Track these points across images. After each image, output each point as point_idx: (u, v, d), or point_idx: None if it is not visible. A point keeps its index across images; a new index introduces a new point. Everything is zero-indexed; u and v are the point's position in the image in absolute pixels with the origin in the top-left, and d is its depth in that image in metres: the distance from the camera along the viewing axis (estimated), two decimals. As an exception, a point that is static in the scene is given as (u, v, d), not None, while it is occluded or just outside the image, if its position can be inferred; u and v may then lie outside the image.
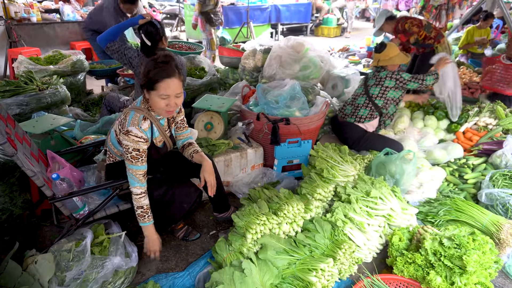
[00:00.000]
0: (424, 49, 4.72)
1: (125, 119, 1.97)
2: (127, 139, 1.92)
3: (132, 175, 2.00)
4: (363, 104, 3.29)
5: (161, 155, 2.22)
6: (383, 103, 3.25)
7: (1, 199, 2.49)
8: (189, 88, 4.16)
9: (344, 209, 2.33)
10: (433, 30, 4.53)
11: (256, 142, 3.17)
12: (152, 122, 2.03)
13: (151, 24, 2.95)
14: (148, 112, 2.01)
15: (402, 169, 2.71)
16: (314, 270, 1.91)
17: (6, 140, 1.74)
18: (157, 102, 1.92)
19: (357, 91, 3.40)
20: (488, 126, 3.67)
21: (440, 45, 4.59)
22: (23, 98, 3.44)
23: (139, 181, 2.00)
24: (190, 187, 2.23)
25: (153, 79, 1.87)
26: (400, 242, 2.18)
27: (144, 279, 2.18)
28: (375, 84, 3.24)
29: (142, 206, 2.04)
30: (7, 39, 6.17)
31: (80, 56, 4.67)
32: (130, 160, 1.96)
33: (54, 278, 1.89)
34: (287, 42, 4.04)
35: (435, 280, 1.88)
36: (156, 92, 1.89)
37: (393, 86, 3.19)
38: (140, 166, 1.99)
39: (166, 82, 1.87)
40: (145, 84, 1.93)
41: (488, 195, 2.62)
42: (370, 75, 3.36)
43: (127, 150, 1.94)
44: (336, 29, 12.67)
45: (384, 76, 3.20)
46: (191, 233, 2.50)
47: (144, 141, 1.96)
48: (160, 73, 1.86)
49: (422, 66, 4.96)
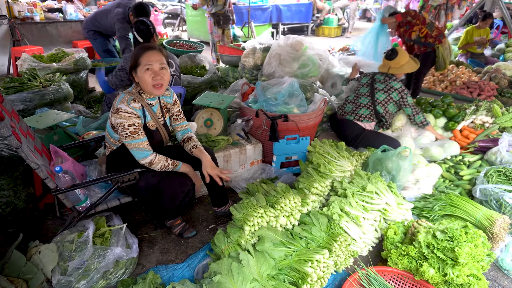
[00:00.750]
0: (426, 48, 4.75)
1: (115, 101, 2.08)
2: (119, 116, 2.01)
3: (137, 148, 2.10)
4: (365, 104, 3.34)
5: (156, 143, 2.27)
6: (383, 112, 3.31)
7: (5, 193, 2.55)
8: (190, 86, 4.22)
9: (340, 203, 2.37)
10: (435, 30, 4.57)
11: (255, 138, 3.22)
12: (143, 106, 2.12)
13: (142, 23, 3.14)
14: (138, 96, 2.11)
15: (398, 166, 2.76)
16: (310, 261, 1.96)
17: (11, 133, 1.80)
18: (143, 78, 2.05)
19: (361, 91, 3.44)
20: (485, 124, 3.72)
21: (441, 45, 4.62)
22: (26, 95, 3.51)
23: (146, 150, 2.12)
24: (183, 178, 2.27)
25: (137, 55, 2.05)
26: (395, 235, 2.22)
27: (145, 270, 2.23)
28: (383, 90, 3.30)
29: (164, 164, 2.18)
30: (10, 37, 6.24)
31: (83, 54, 4.73)
32: (131, 136, 2.05)
33: (57, 268, 1.94)
34: (286, 40, 4.09)
35: (428, 272, 1.93)
36: (141, 67, 2.04)
37: (396, 101, 3.26)
38: (142, 138, 2.10)
39: (147, 54, 2.04)
40: (132, 66, 2.07)
41: (483, 190, 2.66)
42: (379, 78, 3.39)
43: (123, 127, 2.02)
44: (337, 29, 12.71)
45: (395, 88, 3.27)
46: (188, 230, 2.52)
47: (136, 116, 2.05)
48: (142, 49, 2.06)
49: (423, 66, 4.99)
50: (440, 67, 4.81)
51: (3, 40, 6.33)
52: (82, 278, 1.93)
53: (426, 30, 4.54)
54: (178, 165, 2.24)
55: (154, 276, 2.05)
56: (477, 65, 6.52)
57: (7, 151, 2.54)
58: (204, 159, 2.30)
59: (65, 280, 1.89)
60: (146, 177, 2.23)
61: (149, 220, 2.63)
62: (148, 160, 2.14)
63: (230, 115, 3.66)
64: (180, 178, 2.24)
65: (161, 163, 2.17)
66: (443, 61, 4.73)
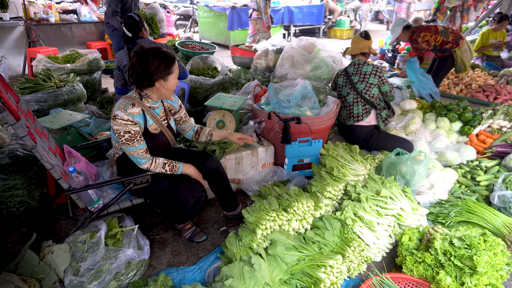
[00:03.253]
0: (443, 53, 4.69)
1: (114, 106, 2.06)
2: (115, 123, 2.00)
3: (134, 155, 2.08)
4: (353, 101, 3.29)
5: (161, 146, 2.26)
6: (370, 98, 3.26)
7: (20, 192, 2.58)
8: (202, 87, 4.22)
9: (354, 207, 2.33)
10: (450, 34, 4.47)
11: (267, 140, 3.20)
12: (143, 110, 2.09)
13: (130, 18, 3.23)
14: (139, 101, 2.08)
15: (413, 170, 2.70)
16: (323, 266, 1.93)
17: (27, 133, 1.81)
18: (171, 85, 2.07)
19: (343, 92, 3.38)
20: (503, 129, 3.63)
21: (458, 49, 4.55)
22: (41, 95, 3.55)
23: (143, 157, 2.10)
24: (194, 183, 2.26)
25: (169, 66, 2.02)
26: (410, 241, 2.18)
27: (156, 272, 2.22)
28: (359, 80, 3.26)
29: (163, 167, 2.15)
30: (26, 39, 6.35)
31: (96, 55, 4.78)
32: (126, 143, 2.03)
33: (69, 268, 1.95)
34: (299, 42, 4.07)
35: (444, 280, 1.88)
36: (174, 75, 2.07)
37: (376, 83, 3.21)
38: (138, 145, 2.06)
39: (175, 63, 2.07)
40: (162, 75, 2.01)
41: (501, 197, 2.59)
42: (350, 70, 3.32)
43: (119, 134, 2.01)
44: (349, 31, 12.63)
45: (369, 72, 3.22)
46: (198, 235, 2.50)
47: (132, 123, 2.02)
48: (171, 59, 2.03)
49: (440, 70, 4.92)
50: (460, 69, 4.74)
51: (19, 41, 6.44)
52: (94, 279, 1.93)
53: (441, 38, 4.47)
54: (178, 168, 2.19)
55: (165, 278, 2.04)
56: (493, 68, 6.38)
57: (22, 151, 2.57)
58: (226, 133, 2.48)
59: (77, 280, 1.90)
60: (158, 180, 2.23)
61: (160, 221, 2.63)
62: (144, 167, 2.13)
63: (242, 117, 3.65)
64: (191, 184, 2.23)
65: (158, 170, 2.14)
66: (462, 64, 4.65)
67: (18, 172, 2.55)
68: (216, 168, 2.41)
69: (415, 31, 4.51)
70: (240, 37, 10.06)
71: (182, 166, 2.21)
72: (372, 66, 3.23)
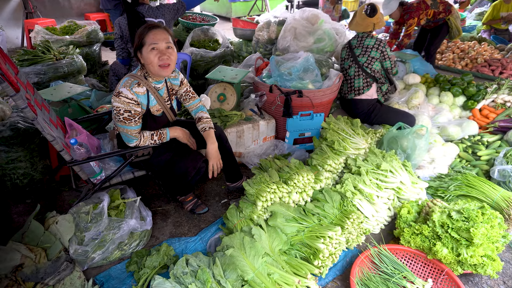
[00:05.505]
0: (437, 23, 4.70)
1: (119, 83, 2.02)
2: (118, 100, 1.96)
3: (127, 134, 2.06)
4: (354, 74, 3.24)
5: (160, 125, 2.24)
6: (371, 72, 3.20)
7: (23, 164, 2.60)
8: (203, 60, 4.17)
9: (354, 180, 2.35)
10: (440, 5, 4.52)
11: (269, 114, 3.19)
12: (148, 90, 2.06)
13: None
14: (144, 80, 2.04)
15: (414, 144, 2.70)
16: (322, 237, 1.96)
17: (27, 105, 1.80)
18: (149, 58, 1.95)
19: (345, 65, 3.33)
20: (507, 104, 3.59)
21: (451, 15, 4.59)
22: (41, 67, 3.51)
23: (134, 137, 2.09)
24: (195, 153, 2.25)
25: (141, 35, 1.95)
26: (408, 214, 2.20)
27: (158, 242, 2.27)
28: (361, 54, 3.19)
29: (151, 138, 2.15)
30: (23, 10, 6.22)
31: (95, 26, 4.69)
32: (122, 122, 2.00)
33: (74, 238, 1.99)
34: (302, 14, 3.97)
35: (441, 251, 1.91)
36: (146, 47, 1.94)
37: (378, 58, 3.15)
38: (134, 126, 2.04)
39: (152, 32, 1.95)
40: (136, 46, 1.98)
41: (501, 171, 2.60)
42: (354, 43, 3.26)
43: (118, 112, 1.98)
44: (354, 3, 12.26)
45: (371, 46, 3.15)
46: (199, 207, 2.53)
47: (135, 103, 1.99)
48: (146, 27, 1.97)
49: (435, 39, 4.88)
50: (455, 35, 4.79)
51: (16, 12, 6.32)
52: (98, 248, 1.98)
53: (432, 11, 4.50)
54: (166, 135, 2.19)
55: (168, 248, 2.09)
56: (500, 42, 6.24)
57: (23, 123, 2.57)
58: (209, 147, 2.24)
59: (82, 250, 1.94)
60: (159, 152, 2.24)
61: (162, 193, 2.66)
62: (132, 145, 2.12)
63: (244, 90, 3.62)
64: (192, 155, 2.23)
65: (147, 143, 2.14)
66: (456, 30, 4.70)
67: (20, 145, 2.56)
68: (219, 135, 2.39)
69: (406, 12, 4.48)
70: (241, 9, 9.84)
71: (168, 132, 2.20)
72: (375, 40, 3.15)
